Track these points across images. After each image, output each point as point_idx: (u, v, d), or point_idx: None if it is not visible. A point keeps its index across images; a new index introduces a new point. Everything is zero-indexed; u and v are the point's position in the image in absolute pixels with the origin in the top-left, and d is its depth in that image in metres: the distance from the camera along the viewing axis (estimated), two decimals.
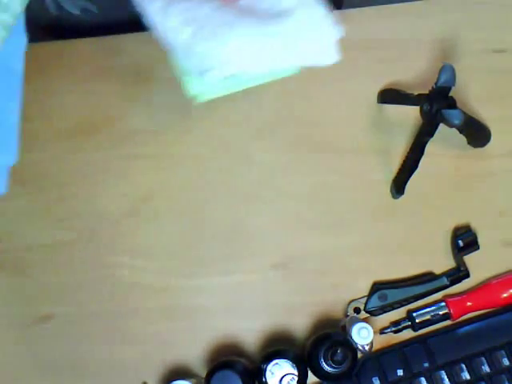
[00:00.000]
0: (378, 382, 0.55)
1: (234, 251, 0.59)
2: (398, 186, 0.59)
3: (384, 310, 0.57)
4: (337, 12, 0.66)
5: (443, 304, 0.57)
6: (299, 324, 0.58)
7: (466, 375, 0.55)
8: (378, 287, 0.58)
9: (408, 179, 0.58)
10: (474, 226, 0.59)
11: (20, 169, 0.61)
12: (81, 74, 0.64)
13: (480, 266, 0.58)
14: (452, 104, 0.56)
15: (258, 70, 0.55)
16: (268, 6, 0.55)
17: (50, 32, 0.75)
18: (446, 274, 0.58)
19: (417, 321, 0.56)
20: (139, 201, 0.61)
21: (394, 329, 0.56)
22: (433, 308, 0.57)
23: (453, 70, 0.55)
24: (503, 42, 0.64)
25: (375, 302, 0.57)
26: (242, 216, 0.60)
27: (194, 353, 0.57)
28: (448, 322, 0.57)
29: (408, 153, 0.59)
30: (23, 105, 0.58)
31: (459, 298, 0.57)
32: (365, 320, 0.54)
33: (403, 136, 0.61)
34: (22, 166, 0.61)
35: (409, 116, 0.61)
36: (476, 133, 0.60)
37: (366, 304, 0.57)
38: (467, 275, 0.58)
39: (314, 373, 0.53)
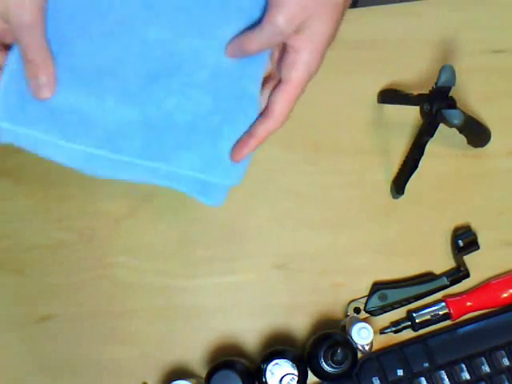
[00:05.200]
0: (378, 382, 0.55)
1: (234, 251, 0.59)
2: (398, 186, 0.59)
3: (384, 310, 0.57)
4: None
5: (443, 304, 0.57)
6: (299, 324, 0.58)
7: (466, 375, 0.55)
8: (377, 287, 0.58)
9: (408, 179, 0.58)
10: (474, 226, 0.59)
11: (20, 169, 0.62)
12: None
13: (480, 266, 0.58)
14: (452, 104, 0.56)
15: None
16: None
17: None
18: (446, 274, 0.58)
19: (417, 321, 0.56)
20: (139, 201, 0.61)
21: (393, 329, 0.56)
22: (433, 308, 0.57)
23: (453, 70, 0.55)
24: (502, 43, 0.64)
25: (375, 302, 0.57)
26: (242, 216, 0.60)
27: (193, 353, 0.57)
28: (448, 322, 0.57)
29: (408, 153, 0.59)
30: None
31: (459, 297, 0.57)
32: (365, 320, 0.54)
33: (403, 136, 0.61)
34: (22, 165, 0.62)
35: (409, 116, 0.61)
36: (476, 133, 0.60)
37: (365, 304, 0.57)
38: (467, 275, 0.58)
39: (314, 373, 0.53)
